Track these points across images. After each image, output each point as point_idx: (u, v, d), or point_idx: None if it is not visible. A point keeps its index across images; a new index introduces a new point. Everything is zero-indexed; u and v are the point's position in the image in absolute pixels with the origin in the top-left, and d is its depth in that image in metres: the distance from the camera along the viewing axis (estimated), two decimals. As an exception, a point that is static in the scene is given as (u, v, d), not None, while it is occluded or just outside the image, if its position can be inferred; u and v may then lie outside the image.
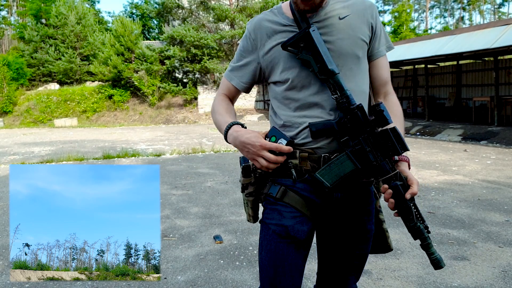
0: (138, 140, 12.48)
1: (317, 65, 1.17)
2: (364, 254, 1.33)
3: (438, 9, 55.74)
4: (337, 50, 1.21)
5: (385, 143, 1.14)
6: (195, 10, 22.22)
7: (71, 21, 26.58)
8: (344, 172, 1.16)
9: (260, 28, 1.29)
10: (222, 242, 3.39)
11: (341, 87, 1.16)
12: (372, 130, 1.15)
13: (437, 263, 1.12)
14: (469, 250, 3.09)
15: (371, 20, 1.28)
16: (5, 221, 4.11)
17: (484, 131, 10.06)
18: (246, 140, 1.18)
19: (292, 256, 1.22)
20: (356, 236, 1.29)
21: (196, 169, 6.86)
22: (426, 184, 5.36)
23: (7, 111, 22.61)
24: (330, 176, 1.16)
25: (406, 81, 17.28)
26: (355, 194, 1.26)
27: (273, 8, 1.31)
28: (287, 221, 1.22)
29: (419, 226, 1.11)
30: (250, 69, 1.33)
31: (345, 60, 1.22)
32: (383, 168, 1.14)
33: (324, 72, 1.17)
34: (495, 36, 9.54)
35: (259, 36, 1.28)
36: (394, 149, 1.13)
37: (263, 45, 1.28)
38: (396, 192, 1.11)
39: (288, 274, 1.22)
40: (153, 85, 22.19)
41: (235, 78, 1.36)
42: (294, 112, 1.24)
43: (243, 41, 1.34)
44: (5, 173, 7.03)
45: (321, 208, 1.25)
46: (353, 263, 1.32)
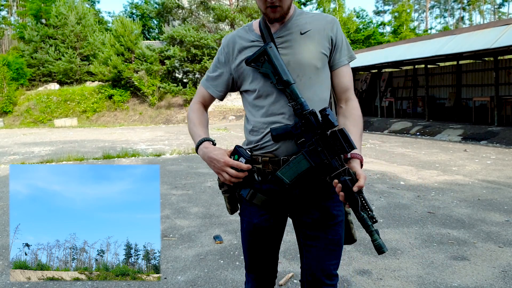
0: (138, 140, 12.49)
1: (275, 77, 1.35)
2: (338, 239, 1.44)
3: (438, 9, 55.77)
4: (296, 61, 1.38)
5: (334, 143, 1.28)
6: (195, 10, 22.22)
7: (71, 21, 26.58)
8: (301, 169, 1.32)
9: (233, 43, 1.47)
10: (222, 242, 3.39)
11: (296, 95, 1.33)
12: (323, 132, 1.30)
13: (379, 248, 1.25)
14: (469, 250, 3.09)
15: (331, 34, 1.42)
16: (5, 221, 4.12)
17: (484, 131, 10.06)
18: (213, 156, 1.38)
19: (262, 245, 1.49)
20: (323, 220, 1.42)
21: (196, 169, 6.87)
22: (426, 184, 5.36)
23: (7, 111, 22.61)
24: (289, 174, 1.32)
25: (406, 81, 17.28)
26: (314, 189, 1.41)
27: (246, 26, 1.49)
28: (255, 219, 1.46)
29: (363, 215, 1.25)
30: (224, 79, 1.51)
31: (304, 71, 1.38)
32: (332, 165, 1.29)
33: (281, 83, 1.34)
34: (495, 36, 9.54)
35: (231, 51, 1.47)
36: (342, 148, 1.28)
37: (234, 58, 1.46)
38: (345, 186, 1.25)
39: (262, 259, 1.51)
40: (153, 85, 22.19)
41: (211, 87, 1.54)
42: (260, 118, 1.42)
43: (218, 54, 1.52)
44: (5, 173, 7.03)
45: (285, 203, 1.43)
46: (329, 248, 1.43)
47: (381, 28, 44.24)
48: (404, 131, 12.24)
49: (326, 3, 38.67)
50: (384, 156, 7.90)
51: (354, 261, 2.93)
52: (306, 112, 1.32)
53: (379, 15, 52.51)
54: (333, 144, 1.29)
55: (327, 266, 1.44)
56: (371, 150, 8.82)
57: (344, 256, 3.01)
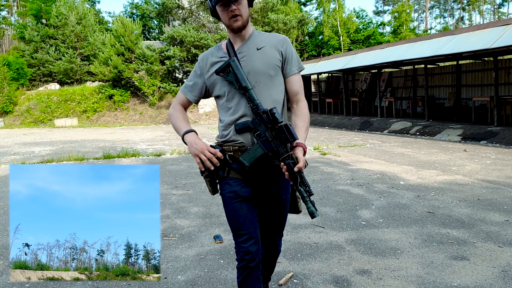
0: (138, 140, 12.49)
1: (237, 84, 1.75)
2: (283, 217, 1.96)
3: (438, 9, 55.75)
4: (254, 71, 1.79)
5: (281, 135, 1.70)
6: (195, 10, 22.22)
7: (72, 21, 26.58)
8: (257, 155, 1.74)
9: (206, 59, 1.89)
10: (222, 242, 3.40)
11: (252, 98, 1.74)
12: (273, 126, 1.71)
13: (311, 213, 1.65)
14: (469, 250, 3.09)
15: (282, 49, 1.84)
16: (5, 221, 4.12)
17: (483, 131, 10.06)
18: (197, 141, 1.79)
19: (245, 209, 1.83)
20: (274, 204, 1.91)
21: (196, 169, 6.87)
22: (426, 184, 5.36)
23: (7, 111, 22.61)
24: (248, 158, 1.75)
25: (406, 81, 17.28)
26: (270, 172, 1.84)
27: (216, 46, 1.92)
28: (235, 187, 1.82)
29: (301, 189, 1.67)
30: (198, 87, 1.92)
31: (260, 78, 1.79)
32: (280, 152, 1.70)
33: (242, 88, 1.75)
34: (494, 36, 9.53)
35: (205, 65, 1.89)
36: (286, 139, 1.70)
37: (207, 70, 1.87)
38: (288, 167, 1.67)
39: (245, 221, 1.82)
40: (154, 85, 22.19)
41: (188, 93, 1.95)
42: (229, 117, 1.82)
43: (195, 67, 1.93)
44: (5, 173, 7.04)
45: (253, 180, 1.84)
46: (276, 223, 1.95)
47: (381, 28, 44.23)
48: (404, 131, 12.24)
49: (326, 3, 38.65)
50: (384, 156, 7.90)
51: (354, 261, 2.93)
52: (260, 111, 1.72)
53: (379, 15, 52.50)
54: (280, 135, 1.70)
55: (275, 238, 2.00)
56: (371, 150, 8.83)
57: (344, 256, 3.02)
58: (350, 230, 3.62)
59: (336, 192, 5.01)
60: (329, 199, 4.68)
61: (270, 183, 1.86)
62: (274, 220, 1.94)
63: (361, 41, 38.30)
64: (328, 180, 5.70)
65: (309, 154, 8.31)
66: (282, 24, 21.55)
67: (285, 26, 21.74)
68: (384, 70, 18.06)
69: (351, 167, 6.74)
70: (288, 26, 21.83)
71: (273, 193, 1.88)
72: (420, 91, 16.02)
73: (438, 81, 15.87)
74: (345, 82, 18.15)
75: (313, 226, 3.73)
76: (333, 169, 6.53)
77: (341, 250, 3.15)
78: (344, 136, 12.17)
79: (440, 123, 12.03)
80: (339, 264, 2.89)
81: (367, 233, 3.52)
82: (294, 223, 3.83)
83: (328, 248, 3.19)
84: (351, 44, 37.94)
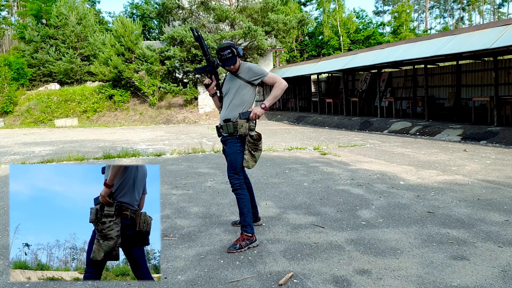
0: (138, 140, 12.50)
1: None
2: (234, 160, 3.33)
3: (438, 10, 55.76)
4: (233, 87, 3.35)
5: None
6: (195, 11, 22.22)
7: (72, 21, 26.60)
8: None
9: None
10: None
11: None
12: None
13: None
14: (468, 250, 3.09)
15: (249, 74, 3.31)
16: (5, 221, 4.12)
17: (483, 131, 10.06)
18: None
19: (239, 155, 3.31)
20: (230, 152, 3.33)
21: (196, 169, 6.87)
22: (426, 184, 5.36)
23: (7, 111, 22.63)
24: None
25: (405, 81, 17.28)
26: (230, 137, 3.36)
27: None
28: (234, 148, 3.34)
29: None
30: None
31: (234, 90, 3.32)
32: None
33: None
34: (494, 36, 9.54)
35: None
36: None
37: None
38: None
39: (239, 162, 3.31)
40: (154, 85, 22.20)
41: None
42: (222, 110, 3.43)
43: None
44: (5, 173, 7.04)
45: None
46: (231, 164, 3.33)
47: (380, 28, 44.23)
48: (404, 131, 12.25)
49: (326, 4, 38.67)
50: (383, 156, 7.90)
51: (353, 261, 2.93)
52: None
53: (379, 15, 52.51)
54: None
55: (230, 170, 3.35)
56: (371, 150, 8.83)
57: (344, 256, 3.02)
58: (350, 230, 3.62)
59: (336, 192, 5.01)
60: (329, 199, 4.68)
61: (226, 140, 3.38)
62: (228, 162, 3.37)
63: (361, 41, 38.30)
64: (328, 180, 5.71)
65: (309, 154, 8.32)
66: (282, 24, 21.55)
67: (285, 26, 21.73)
68: (384, 70, 18.06)
69: (351, 167, 6.74)
70: (288, 26, 21.83)
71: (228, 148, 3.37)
72: (420, 91, 16.03)
73: (438, 81, 15.87)
74: (345, 82, 18.15)
75: (313, 226, 3.74)
76: (333, 169, 6.53)
77: (341, 250, 3.16)
78: (344, 136, 12.18)
79: (440, 123, 12.03)
80: (339, 264, 2.89)
81: (367, 233, 3.52)
82: (294, 223, 3.84)
83: (328, 248, 3.19)
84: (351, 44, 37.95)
